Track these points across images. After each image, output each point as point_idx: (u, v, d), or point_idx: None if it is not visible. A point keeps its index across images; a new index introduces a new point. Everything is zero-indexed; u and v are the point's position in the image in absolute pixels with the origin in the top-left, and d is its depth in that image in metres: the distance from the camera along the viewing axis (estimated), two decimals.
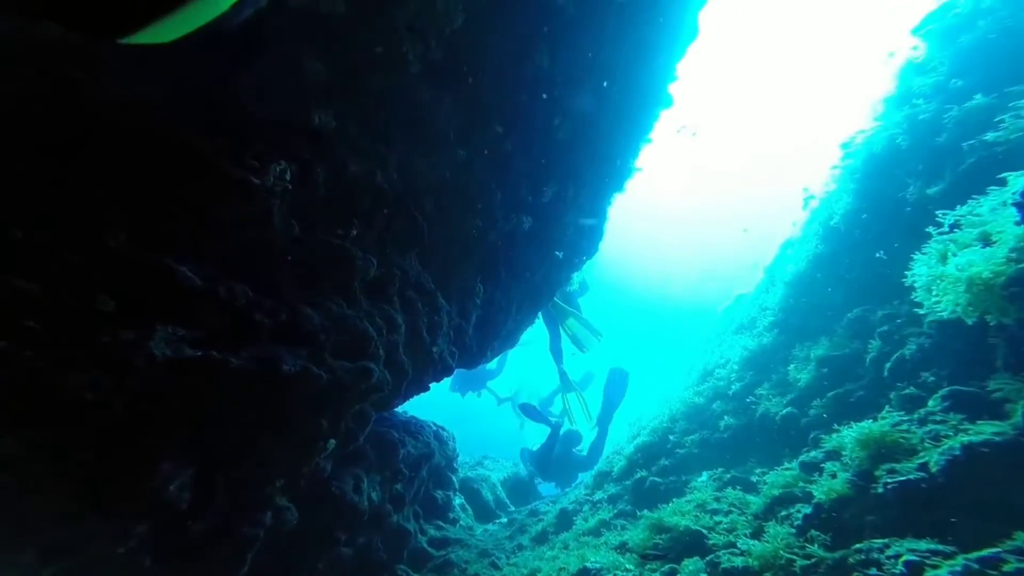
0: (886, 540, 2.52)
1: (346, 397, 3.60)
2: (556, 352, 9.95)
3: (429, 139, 4.66)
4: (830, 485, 3.19)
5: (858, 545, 2.63)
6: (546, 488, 13.24)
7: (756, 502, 4.04)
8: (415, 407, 9.22)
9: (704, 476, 5.33)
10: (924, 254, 3.47)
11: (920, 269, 3.44)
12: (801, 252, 6.52)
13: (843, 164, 6.38)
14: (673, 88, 7.24)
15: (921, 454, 2.83)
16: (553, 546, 6.30)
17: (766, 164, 34.16)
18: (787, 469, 4.16)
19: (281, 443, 3.33)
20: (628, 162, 7.79)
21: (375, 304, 4.10)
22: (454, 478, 8.83)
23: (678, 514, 4.48)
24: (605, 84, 5.93)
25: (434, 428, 8.05)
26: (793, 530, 3.27)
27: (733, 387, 6.13)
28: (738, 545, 3.46)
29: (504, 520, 8.71)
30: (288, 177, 3.06)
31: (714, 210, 35.27)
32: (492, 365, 15.08)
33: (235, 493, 3.20)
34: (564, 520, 6.86)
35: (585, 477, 8.15)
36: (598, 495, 6.76)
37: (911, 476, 2.71)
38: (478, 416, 15.53)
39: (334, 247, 3.50)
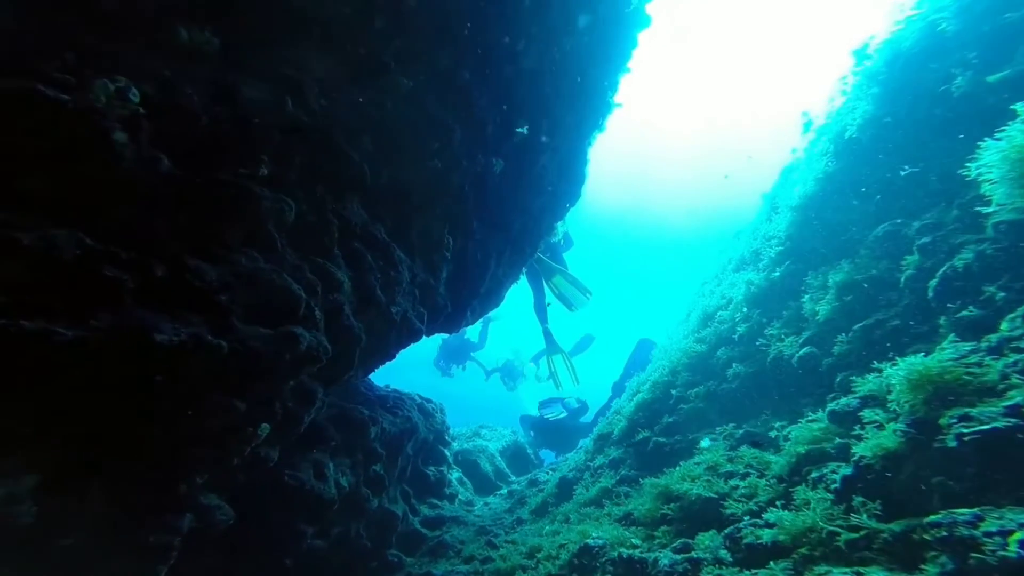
0: (976, 510, 1.87)
1: (270, 371, 2.91)
2: (540, 311, 9.27)
3: (356, 63, 3.84)
4: (877, 440, 2.52)
5: (933, 518, 1.98)
6: (547, 454, 12.83)
7: (778, 462, 3.40)
8: (404, 385, 8.64)
9: (713, 434, 4.70)
10: (999, 138, 2.70)
11: (991, 156, 2.69)
12: (808, 173, 5.73)
13: (859, 70, 5.53)
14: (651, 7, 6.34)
15: (1008, 393, 2.16)
16: (554, 519, 5.76)
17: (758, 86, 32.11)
18: (812, 421, 3.51)
19: (185, 433, 2.65)
20: (606, 96, 6.92)
21: (306, 258, 3.36)
22: (447, 452, 8.28)
23: (687, 479, 3.87)
24: None
25: (418, 400, 7.44)
26: (830, 495, 2.63)
27: (739, 329, 5.45)
28: (763, 516, 2.83)
29: (504, 492, 8.21)
30: (135, 99, 2.28)
31: (706, 143, 33.11)
32: (474, 337, 14.38)
33: (126, 498, 2.54)
34: (564, 489, 6.30)
35: (585, 441, 7.63)
36: (598, 460, 6.18)
37: (997, 424, 2.04)
38: (469, 389, 14.94)
39: (230, 186, 2.74)
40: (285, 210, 3.01)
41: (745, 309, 5.50)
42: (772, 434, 4.13)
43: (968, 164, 2.98)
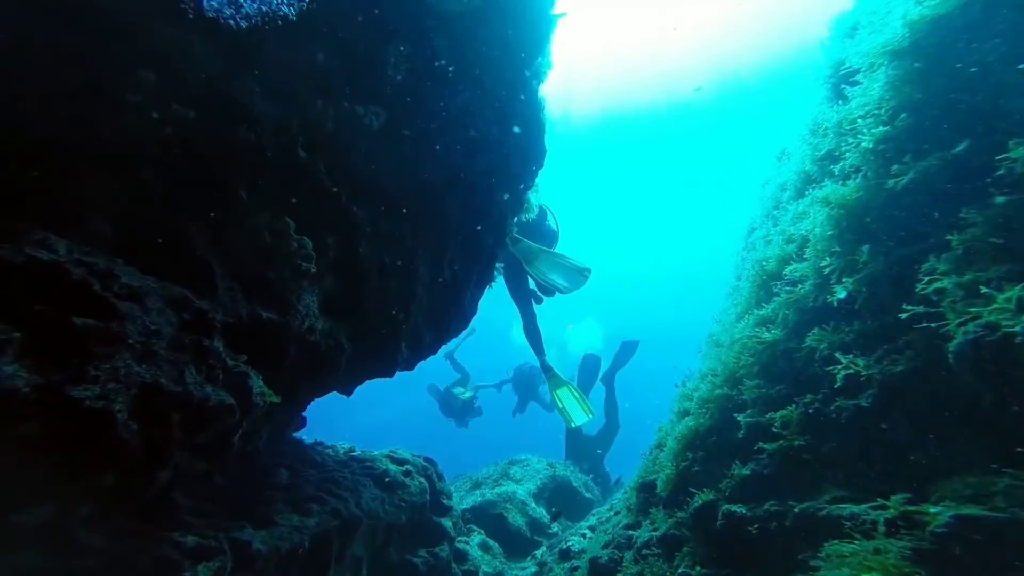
0: None
1: None
2: (533, 335, 7.12)
3: None
4: None
5: None
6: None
7: None
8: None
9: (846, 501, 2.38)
10: None
11: None
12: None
13: None
14: None
15: None
16: None
17: None
18: None
19: None
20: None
21: None
22: (446, 522, 6.17)
23: None
24: None
25: (379, 470, 5.35)
26: None
27: (837, 292, 3.07)
28: None
29: (532, 569, 6.02)
30: None
31: None
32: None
33: None
34: None
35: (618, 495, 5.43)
36: (642, 534, 3.93)
37: None
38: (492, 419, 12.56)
39: None
40: None
41: (837, 247, 3.12)
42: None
43: None
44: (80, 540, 2.51)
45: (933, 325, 2.27)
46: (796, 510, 2.56)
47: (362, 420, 28.71)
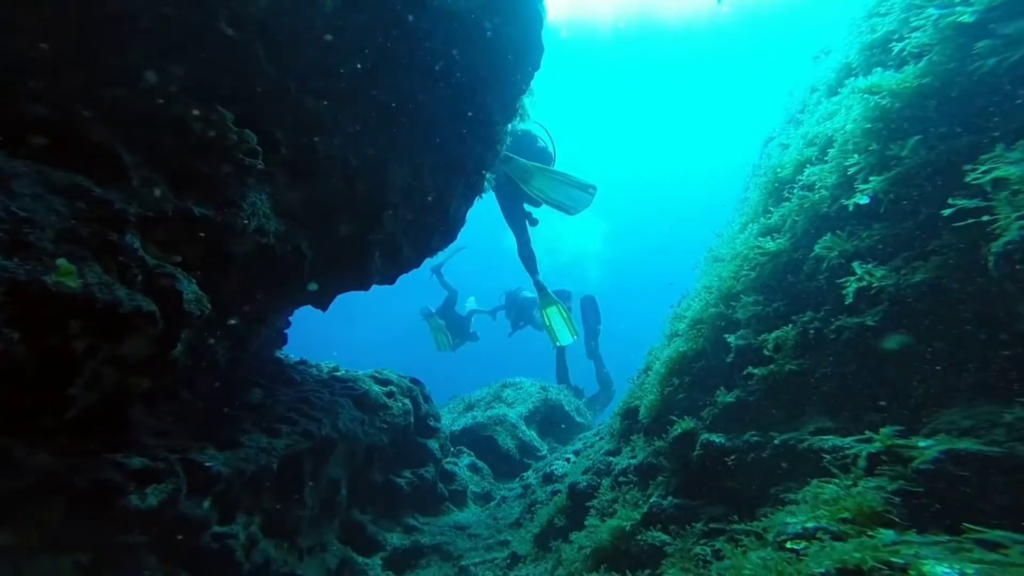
0: None
1: None
2: (527, 259, 6.77)
3: None
4: None
5: None
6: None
7: None
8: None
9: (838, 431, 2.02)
10: None
11: None
12: None
13: None
14: None
15: None
16: (556, 565, 3.51)
17: None
18: None
19: None
20: None
21: None
22: (433, 444, 6.10)
23: None
24: None
25: (360, 390, 5.18)
26: None
27: (858, 197, 2.56)
28: None
29: (518, 488, 5.98)
30: None
31: None
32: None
33: None
34: (577, 505, 3.94)
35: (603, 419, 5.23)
36: (621, 461, 3.71)
37: None
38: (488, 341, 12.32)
39: None
40: None
41: (874, 145, 2.57)
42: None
43: None
44: (18, 458, 2.31)
45: (983, 220, 1.78)
46: (776, 441, 2.22)
47: (360, 336, 29.11)
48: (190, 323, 2.64)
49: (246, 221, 3.07)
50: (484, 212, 6.11)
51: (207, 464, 3.08)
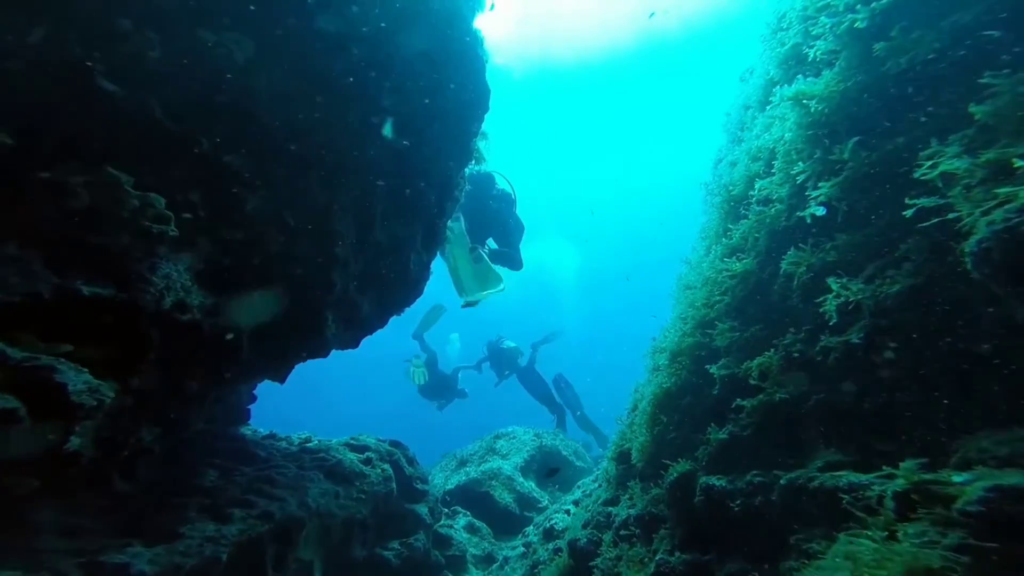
0: None
1: None
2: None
3: None
4: None
5: None
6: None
7: None
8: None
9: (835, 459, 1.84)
10: None
11: None
12: None
13: None
14: None
15: None
16: None
17: None
18: None
19: None
20: None
21: None
22: (421, 508, 5.71)
23: None
24: None
25: (332, 461, 4.82)
26: None
27: (813, 206, 2.47)
28: None
29: (520, 548, 5.61)
30: None
31: None
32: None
33: None
34: (579, 568, 3.64)
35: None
36: (620, 512, 3.45)
37: None
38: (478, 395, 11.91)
39: None
40: None
41: (818, 152, 2.50)
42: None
43: None
44: None
45: (946, 218, 1.68)
46: (783, 481, 2.04)
47: (352, 410, 28.26)
48: (87, 415, 2.32)
49: (159, 297, 2.78)
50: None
51: (128, 564, 2.72)
